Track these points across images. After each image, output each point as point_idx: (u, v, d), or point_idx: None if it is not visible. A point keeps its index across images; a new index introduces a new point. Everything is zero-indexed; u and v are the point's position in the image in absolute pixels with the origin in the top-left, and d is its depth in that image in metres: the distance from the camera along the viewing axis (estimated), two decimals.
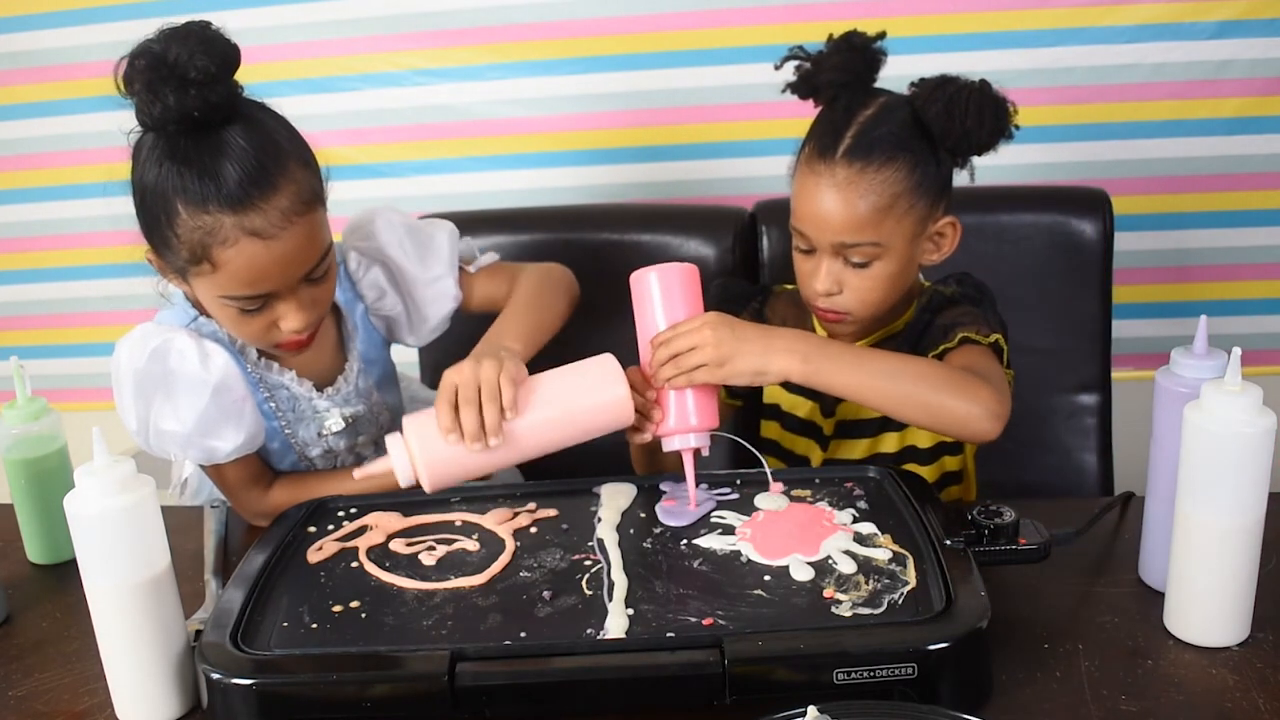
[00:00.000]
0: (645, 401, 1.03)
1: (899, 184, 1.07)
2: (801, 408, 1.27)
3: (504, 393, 0.98)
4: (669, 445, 1.04)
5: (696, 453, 1.04)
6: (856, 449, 1.24)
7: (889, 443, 1.23)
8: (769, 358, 1.02)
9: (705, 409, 1.03)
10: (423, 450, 0.97)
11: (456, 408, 0.97)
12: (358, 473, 1.02)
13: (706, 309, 1.06)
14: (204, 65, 0.96)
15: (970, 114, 1.06)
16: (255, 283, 1.04)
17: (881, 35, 1.11)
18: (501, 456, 0.99)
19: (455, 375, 0.99)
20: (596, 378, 1.01)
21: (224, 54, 0.99)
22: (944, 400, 1.01)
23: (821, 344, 1.05)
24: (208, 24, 1.00)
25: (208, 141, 1.00)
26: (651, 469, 1.18)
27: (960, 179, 1.28)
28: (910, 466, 1.22)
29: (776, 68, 1.14)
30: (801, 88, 1.13)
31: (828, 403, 1.24)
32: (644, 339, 1.06)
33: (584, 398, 1.00)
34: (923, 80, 1.10)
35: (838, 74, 1.11)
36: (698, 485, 1.02)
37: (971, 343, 1.11)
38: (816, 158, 1.10)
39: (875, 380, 1.03)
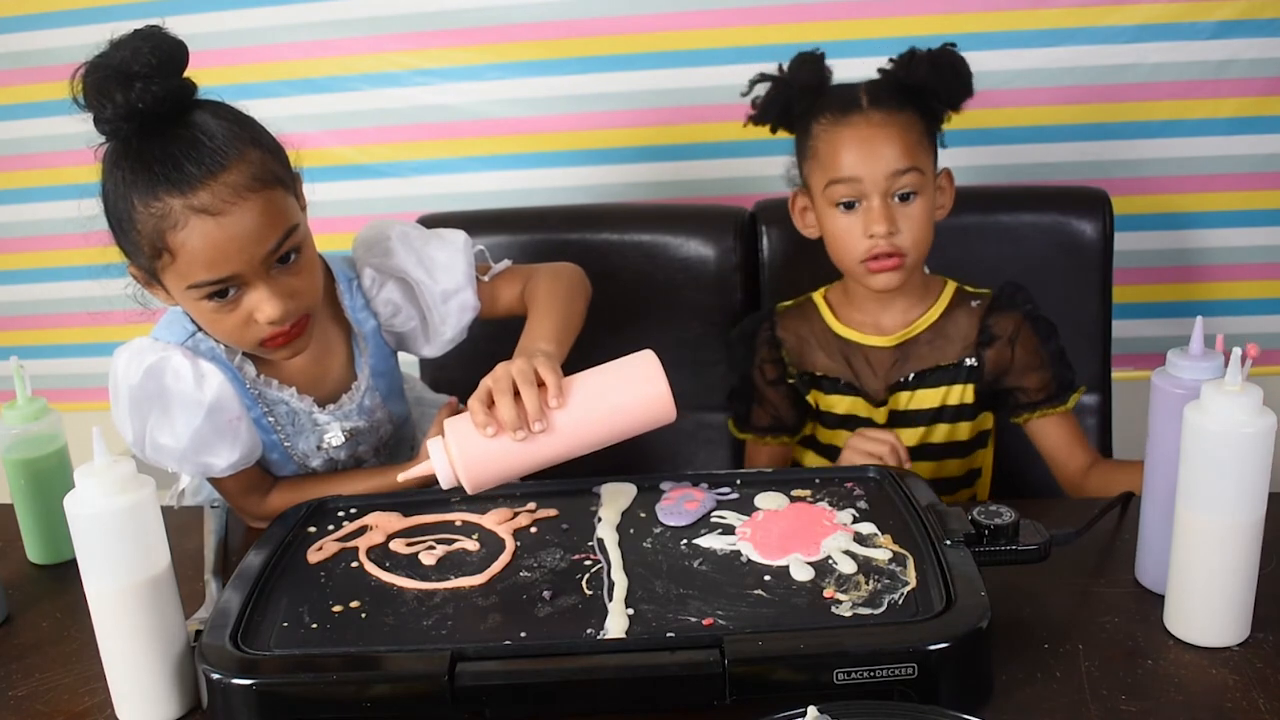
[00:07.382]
0: None
1: (916, 124, 1.22)
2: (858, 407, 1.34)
3: (547, 379, 0.96)
4: None
5: None
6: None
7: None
8: None
9: None
10: (461, 450, 0.95)
11: (491, 405, 0.96)
12: (400, 476, 1.00)
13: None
14: (147, 59, 0.97)
15: (955, 64, 1.22)
16: (215, 264, 1.01)
17: (822, 55, 1.26)
18: (542, 450, 0.96)
19: (487, 377, 0.98)
20: (637, 374, 0.98)
21: (168, 49, 0.99)
22: None
23: None
24: (155, 27, 1.00)
25: (157, 136, 1.00)
26: None
27: (960, 180, 1.29)
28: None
29: (744, 94, 1.29)
30: (779, 118, 1.27)
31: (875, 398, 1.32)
32: None
33: (626, 393, 0.98)
34: (891, 60, 1.24)
35: (810, 79, 1.25)
36: (696, 485, 1.03)
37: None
38: (843, 114, 1.22)
39: None
